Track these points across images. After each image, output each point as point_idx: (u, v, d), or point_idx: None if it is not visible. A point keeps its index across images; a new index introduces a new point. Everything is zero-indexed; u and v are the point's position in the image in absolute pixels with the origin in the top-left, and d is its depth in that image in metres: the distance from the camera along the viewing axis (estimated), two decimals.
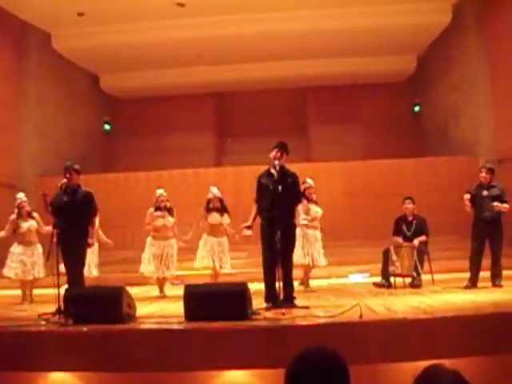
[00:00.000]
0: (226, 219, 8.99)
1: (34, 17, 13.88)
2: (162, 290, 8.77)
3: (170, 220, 8.78)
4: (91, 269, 8.87)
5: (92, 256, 8.84)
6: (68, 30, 14.48)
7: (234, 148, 18.70)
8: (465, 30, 14.25)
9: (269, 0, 13.25)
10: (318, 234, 8.86)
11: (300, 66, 16.59)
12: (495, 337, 4.70)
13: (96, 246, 8.97)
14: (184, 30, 14.24)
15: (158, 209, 8.82)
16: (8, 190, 13.58)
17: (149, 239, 8.83)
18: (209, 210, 9.01)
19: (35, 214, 8.77)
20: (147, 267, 8.74)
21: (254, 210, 6.77)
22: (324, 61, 16.52)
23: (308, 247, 8.64)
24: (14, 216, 8.75)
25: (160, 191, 8.97)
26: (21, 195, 8.93)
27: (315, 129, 18.42)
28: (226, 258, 9.01)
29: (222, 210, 9.01)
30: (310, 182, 8.90)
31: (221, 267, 8.91)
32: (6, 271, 8.71)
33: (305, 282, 8.84)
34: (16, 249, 8.71)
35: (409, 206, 8.78)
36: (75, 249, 6.78)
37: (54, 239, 6.35)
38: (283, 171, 6.55)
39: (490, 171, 8.04)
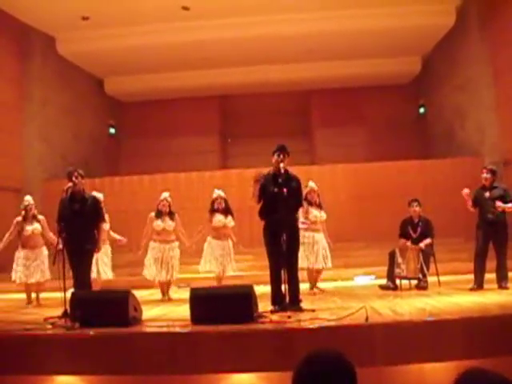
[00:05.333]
0: (230, 222, 8.95)
1: (38, 21, 13.93)
2: (164, 293, 8.77)
3: (170, 224, 8.75)
4: (106, 271, 8.92)
5: (106, 259, 8.93)
6: (72, 34, 14.54)
7: (239, 150, 18.72)
8: (469, 32, 14.23)
9: (273, 3, 13.26)
10: (318, 236, 8.74)
11: (304, 68, 16.61)
12: (501, 339, 4.69)
13: (108, 248, 9.02)
14: (188, 33, 14.27)
15: (159, 212, 8.81)
16: (14, 193, 13.63)
17: (151, 243, 8.84)
18: (213, 211, 8.99)
19: (41, 217, 8.79)
20: (149, 270, 8.75)
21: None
22: (328, 63, 16.54)
23: (305, 250, 8.53)
24: (19, 218, 8.77)
25: (164, 195, 8.96)
26: (28, 198, 8.94)
27: (320, 131, 18.43)
28: (231, 261, 8.97)
29: (226, 211, 8.98)
30: (312, 185, 8.87)
31: (224, 271, 8.89)
32: (13, 275, 8.76)
33: (311, 284, 8.83)
34: (20, 253, 8.73)
35: (416, 208, 8.74)
36: (83, 254, 6.81)
37: (61, 244, 6.39)
38: (288, 174, 6.56)
39: (491, 172, 8.00)
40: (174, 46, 14.88)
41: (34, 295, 8.82)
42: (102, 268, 8.80)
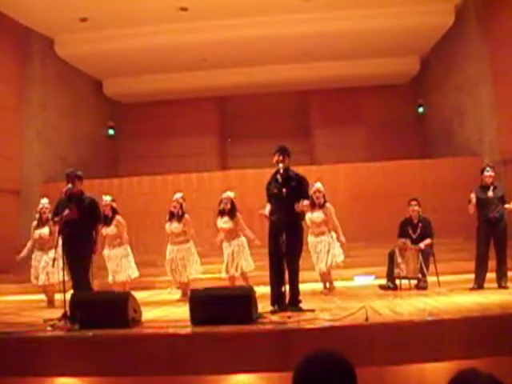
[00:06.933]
0: (225, 223, 8.78)
1: (37, 23, 13.91)
2: (184, 294, 8.69)
3: (176, 226, 8.74)
4: (129, 271, 8.92)
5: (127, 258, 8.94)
6: (71, 36, 14.52)
7: (238, 151, 18.71)
8: (467, 32, 14.23)
9: (271, 3, 13.26)
10: (313, 239, 8.60)
11: (303, 68, 16.60)
12: (502, 338, 4.68)
13: (128, 247, 8.99)
14: (187, 35, 14.25)
15: (170, 214, 8.87)
16: (13, 195, 13.64)
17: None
18: (218, 213, 8.97)
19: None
20: (168, 272, 8.85)
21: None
22: (327, 63, 16.52)
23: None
24: (35, 223, 8.83)
25: (176, 196, 8.96)
26: (43, 201, 8.94)
27: (319, 131, 18.42)
28: (244, 258, 8.79)
29: (227, 213, 8.91)
30: (316, 186, 8.77)
31: (230, 270, 8.80)
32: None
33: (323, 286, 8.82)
34: (33, 254, 8.82)
35: (415, 208, 8.72)
36: (81, 255, 6.81)
37: (59, 246, 6.40)
38: (287, 174, 6.54)
39: (494, 170, 8.03)
40: (173, 47, 14.87)
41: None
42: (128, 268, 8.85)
